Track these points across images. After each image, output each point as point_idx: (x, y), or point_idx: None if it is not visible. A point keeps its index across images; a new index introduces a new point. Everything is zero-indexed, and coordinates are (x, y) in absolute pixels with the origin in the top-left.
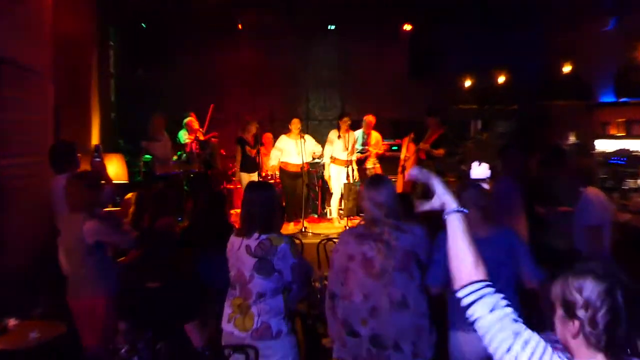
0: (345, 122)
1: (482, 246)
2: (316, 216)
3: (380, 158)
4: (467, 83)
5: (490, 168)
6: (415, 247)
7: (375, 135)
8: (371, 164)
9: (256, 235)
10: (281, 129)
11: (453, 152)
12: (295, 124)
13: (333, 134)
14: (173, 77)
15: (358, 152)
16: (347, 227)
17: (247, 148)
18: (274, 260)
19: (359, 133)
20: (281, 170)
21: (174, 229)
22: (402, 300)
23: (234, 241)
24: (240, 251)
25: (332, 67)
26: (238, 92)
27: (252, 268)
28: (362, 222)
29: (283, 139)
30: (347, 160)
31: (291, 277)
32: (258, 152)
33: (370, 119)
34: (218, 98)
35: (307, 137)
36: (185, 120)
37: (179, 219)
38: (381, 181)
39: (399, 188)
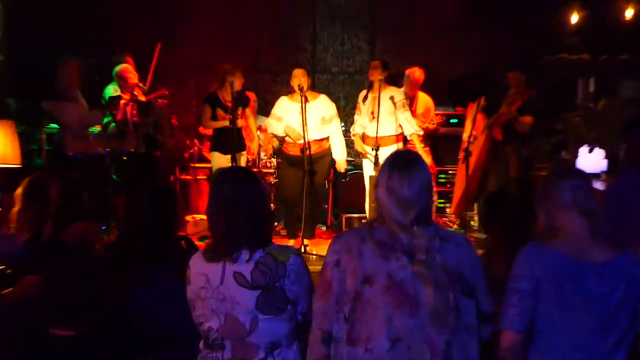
0: (376, 69)
1: (592, 278)
2: (324, 228)
3: (431, 136)
4: (573, 19)
5: (608, 156)
6: (461, 264)
7: (423, 100)
8: (415, 146)
9: (245, 254)
10: (271, 85)
11: (548, 131)
12: (298, 78)
13: (360, 95)
14: None
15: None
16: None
17: (219, 112)
18: (286, 284)
19: None
20: (280, 152)
21: (93, 243)
22: (445, 350)
23: (208, 272)
24: (225, 285)
25: None
26: (204, 28)
27: (253, 307)
28: (377, 224)
29: (283, 103)
30: (382, 138)
31: (307, 305)
32: (234, 123)
33: (416, 74)
34: (171, 35)
35: (321, 98)
36: (117, 70)
37: (103, 227)
38: (411, 163)
39: (460, 184)
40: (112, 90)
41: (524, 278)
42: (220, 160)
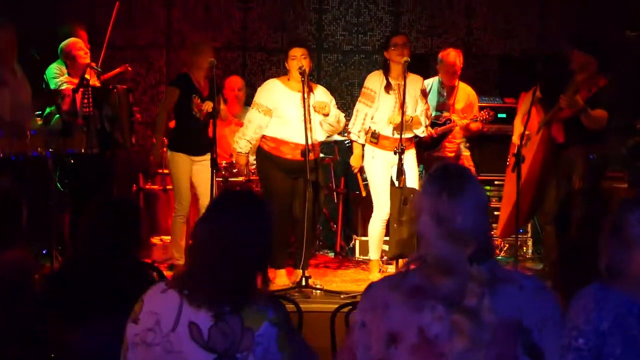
0: (398, 49)
1: None
2: (332, 255)
3: (473, 138)
4: None
5: None
6: (521, 314)
7: (465, 92)
8: (452, 149)
9: (214, 305)
10: (263, 67)
11: (625, 130)
12: (297, 59)
13: (373, 79)
14: None
15: (433, 124)
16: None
17: (196, 100)
18: None
19: (433, 84)
20: (264, 155)
21: (31, 274)
22: None
23: (161, 311)
24: (177, 334)
25: None
26: None
27: None
28: (412, 266)
29: (274, 87)
30: (403, 141)
31: None
32: (213, 115)
33: (451, 56)
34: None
35: (320, 90)
36: (64, 45)
37: (44, 251)
38: (463, 180)
39: (510, 198)
40: (56, 70)
41: (584, 332)
42: (183, 166)
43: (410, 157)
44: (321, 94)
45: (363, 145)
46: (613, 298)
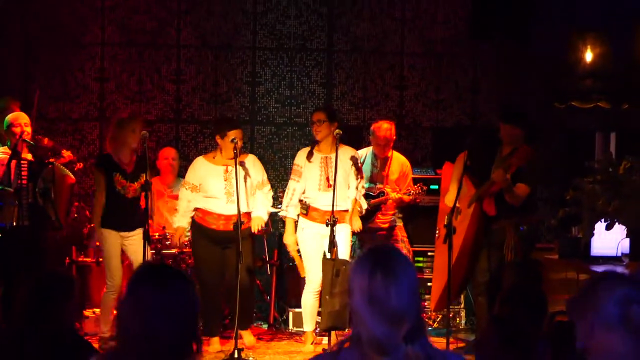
0: (321, 124)
1: None
2: (265, 327)
3: (406, 208)
4: (588, 57)
5: (632, 235)
6: None
7: (399, 163)
8: (386, 220)
9: None
10: (197, 140)
11: (554, 201)
12: (228, 135)
13: (300, 155)
14: None
15: (367, 196)
16: (323, 352)
17: (118, 178)
18: None
19: (367, 155)
20: (194, 225)
21: None
22: None
23: None
24: None
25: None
26: (110, 61)
27: None
28: (346, 345)
29: (198, 165)
30: (336, 213)
31: None
32: (145, 188)
33: (383, 129)
34: (67, 71)
35: (251, 159)
36: (9, 117)
37: None
38: (396, 261)
39: (441, 270)
40: None
41: None
42: (112, 242)
43: (343, 229)
44: (253, 164)
45: (295, 221)
46: None
